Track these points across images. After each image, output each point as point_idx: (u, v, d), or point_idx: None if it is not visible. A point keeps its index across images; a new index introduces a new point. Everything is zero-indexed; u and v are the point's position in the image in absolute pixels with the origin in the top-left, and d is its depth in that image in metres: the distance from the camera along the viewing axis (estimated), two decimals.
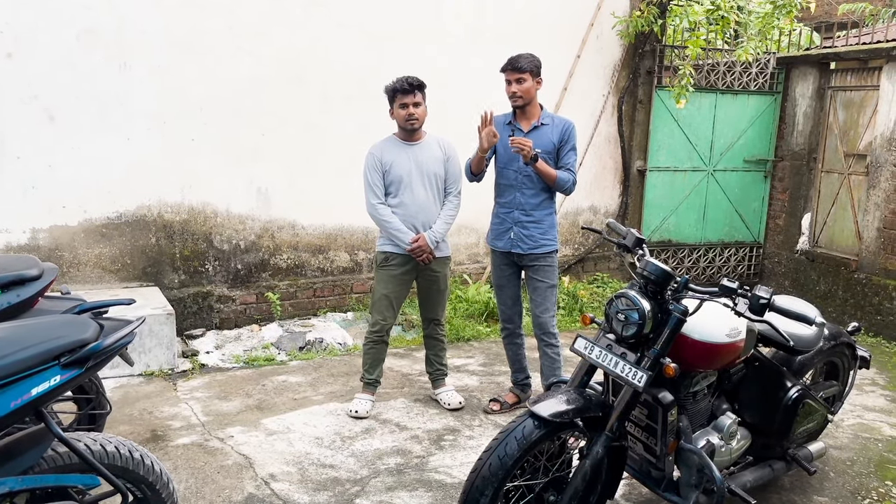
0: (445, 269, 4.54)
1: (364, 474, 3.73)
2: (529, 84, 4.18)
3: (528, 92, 4.20)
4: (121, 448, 2.41)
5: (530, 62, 4.17)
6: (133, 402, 4.53)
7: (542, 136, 4.24)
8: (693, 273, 7.65)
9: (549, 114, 4.34)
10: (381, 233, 4.45)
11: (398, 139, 4.39)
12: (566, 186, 4.23)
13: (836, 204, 6.97)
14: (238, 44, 5.61)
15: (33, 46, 5.00)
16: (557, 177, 4.18)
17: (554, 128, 4.24)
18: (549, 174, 4.18)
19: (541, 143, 4.21)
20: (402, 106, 4.25)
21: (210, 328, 5.81)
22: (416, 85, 4.24)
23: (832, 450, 4.13)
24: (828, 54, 7.05)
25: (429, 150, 4.39)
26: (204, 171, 5.65)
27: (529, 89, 4.19)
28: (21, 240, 5.20)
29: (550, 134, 4.24)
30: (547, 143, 4.22)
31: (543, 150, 4.20)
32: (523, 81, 4.17)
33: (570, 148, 4.25)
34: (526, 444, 2.71)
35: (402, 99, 4.24)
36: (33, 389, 2.07)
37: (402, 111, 4.26)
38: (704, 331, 2.90)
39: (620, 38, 7.07)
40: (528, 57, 4.18)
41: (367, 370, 4.51)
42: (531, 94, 4.21)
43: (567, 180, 4.22)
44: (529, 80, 4.18)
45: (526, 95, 4.20)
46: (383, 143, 4.40)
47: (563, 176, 4.21)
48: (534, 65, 4.18)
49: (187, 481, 3.58)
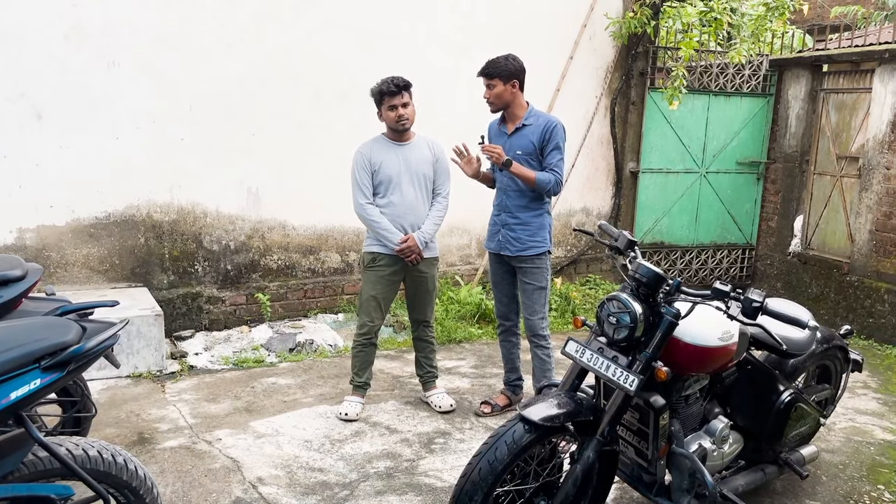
0: (433, 269, 4.51)
1: (353, 478, 3.69)
2: (500, 89, 4.15)
3: (499, 97, 4.17)
4: (103, 452, 2.37)
5: (502, 68, 4.12)
6: (120, 404, 4.48)
7: (523, 138, 4.21)
8: (685, 275, 7.64)
9: (535, 112, 4.27)
10: (369, 233, 4.41)
11: (387, 139, 4.36)
12: (548, 188, 4.16)
13: (828, 206, 6.97)
14: (229, 42, 5.56)
15: (20, 43, 4.94)
16: (536, 179, 4.13)
17: (536, 127, 4.19)
18: (527, 177, 4.15)
19: (521, 143, 4.20)
20: (391, 108, 4.21)
21: (199, 329, 5.75)
22: (402, 86, 4.20)
23: (824, 453, 4.11)
24: (820, 56, 7.05)
25: (418, 150, 4.36)
26: (194, 170, 5.59)
27: (501, 94, 4.16)
28: (7, 240, 5.14)
29: (531, 134, 4.20)
30: (527, 144, 4.19)
31: (524, 151, 4.18)
32: (493, 87, 4.15)
33: (552, 147, 4.17)
34: (516, 449, 2.68)
35: (390, 101, 4.20)
36: (12, 393, 2.03)
37: (391, 113, 4.22)
38: (697, 334, 2.88)
39: (613, 39, 7.05)
40: (499, 62, 4.13)
41: (357, 373, 4.47)
42: (503, 98, 4.18)
43: (547, 181, 4.15)
44: (500, 85, 4.14)
45: (497, 101, 4.19)
46: (372, 142, 4.36)
47: (541, 177, 4.14)
48: (507, 70, 4.12)
49: (174, 485, 3.54)
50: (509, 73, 4.13)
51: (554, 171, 4.17)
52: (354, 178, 4.32)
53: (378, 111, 4.31)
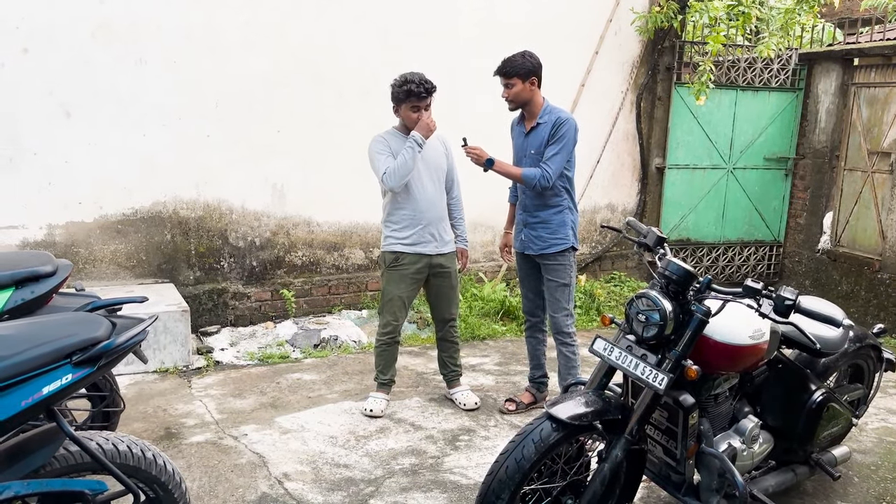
0: (455, 263, 4.50)
1: (378, 474, 3.69)
2: (519, 88, 4.10)
3: (517, 96, 4.13)
4: (133, 447, 2.38)
5: (520, 66, 4.06)
6: (147, 399, 4.52)
7: (537, 136, 4.18)
8: (712, 272, 7.55)
9: (549, 109, 4.19)
10: (387, 233, 4.38)
11: (402, 134, 4.30)
12: (532, 182, 4.09)
13: (858, 203, 6.85)
14: (253, 40, 5.58)
15: (49, 42, 5.00)
16: (522, 174, 4.10)
17: (547, 124, 4.14)
18: (513, 174, 4.14)
19: (536, 142, 4.17)
20: (415, 109, 4.17)
21: (225, 325, 5.80)
22: (431, 90, 4.17)
23: (856, 454, 4.04)
24: (851, 50, 6.92)
25: (432, 144, 4.33)
26: (219, 167, 5.63)
27: (519, 93, 4.12)
28: (37, 236, 5.20)
29: (543, 132, 4.15)
30: (541, 143, 4.15)
31: (537, 151, 4.15)
32: (512, 86, 4.11)
33: (553, 141, 4.09)
34: (543, 447, 2.66)
35: (415, 102, 4.15)
36: (44, 388, 2.04)
37: (412, 114, 4.17)
38: (727, 332, 2.83)
39: (639, 34, 6.98)
40: (517, 60, 4.08)
41: (381, 371, 4.48)
42: (521, 97, 4.14)
43: (532, 176, 4.08)
44: (519, 84, 4.09)
45: (516, 99, 4.15)
46: (388, 134, 4.31)
47: (527, 172, 4.09)
48: (524, 68, 4.07)
49: (200, 480, 3.56)
50: (527, 70, 4.08)
51: (544, 165, 4.09)
52: (374, 155, 4.21)
53: (396, 107, 4.25)
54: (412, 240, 4.30)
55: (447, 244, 4.39)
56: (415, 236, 4.30)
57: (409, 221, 4.29)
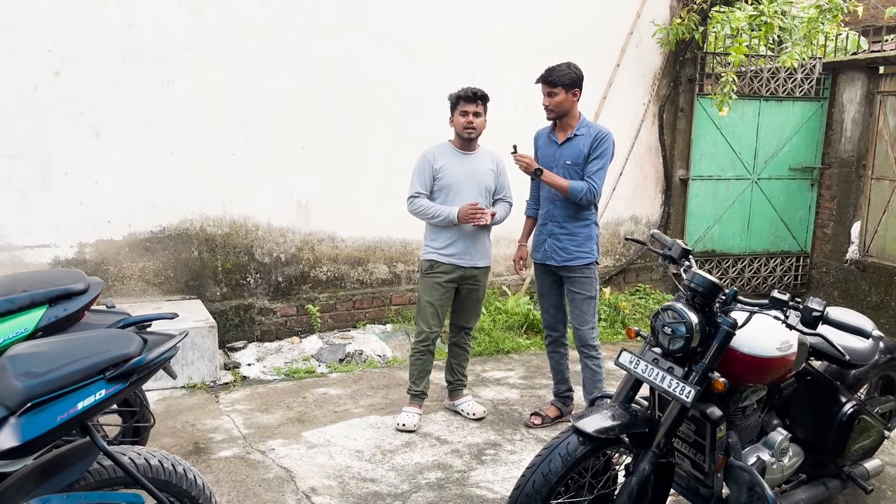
0: (486, 279, 4.54)
1: (405, 489, 3.70)
2: (562, 98, 4.13)
3: (559, 105, 4.15)
4: (164, 462, 2.42)
5: (565, 76, 4.09)
6: (176, 414, 4.57)
7: (573, 147, 4.19)
8: (738, 284, 7.49)
9: (586, 122, 4.25)
10: (426, 241, 4.43)
11: (454, 147, 4.39)
12: (580, 196, 4.12)
13: (887, 212, 6.76)
14: (277, 59, 5.66)
15: (79, 65, 5.11)
16: (569, 187, 4.12)
17: (587, 137, 4.17)
18: (560, 186, 4.14)
19: (571, 153, 4.18)
20: (463, 114, 4.26)
21: (251, 340, 5.85)
22: (479, 95, 4.27)
23: (889, 467, 3.97)
24: (876, 58, 6.86)
25: (482, 161, 4.39)
26: (245, 184, 5.70)
27: (561, 103, 4.14)
28: (68, 254, 5.30)
29: (582, 145, 4.17)
30: (577, 154, 4.17)
31: (573, 162, 4.17)
32: (555, 95, 4.13)
33: (595, 156, 4.14)
34: (570, 461, 2.65)
35: (464, 106, 4.25)
36: (79, 403, 2.08)
37: (461, 118, 4.26)
38: (754, 344, 2.81)
39: (660, 45, 6.98)
40: (563, 70, 4.11)
41: (415, 381, 4.49)
42: (563, 107, 4.16)
43: (580, 189, 4.11)
44: (562, 94, 4.12)
45: (557, 109, 4.16)
46: (438, 148, 4.40)
47: (574, 186, 4.12)
48: (569, 78, 4.10)
49: (229, 494, 3.59)
50: (571, 81, 4.11)
51: (590, 180, 4.13)
52: (414, 170, 4.37)
53: (450, 116, 4.36)
54: (449, 251, 4.36)
55: (483, 259, 4.43)
56: (452, 248, 4.35)
57: (447, 234, 4.35)
